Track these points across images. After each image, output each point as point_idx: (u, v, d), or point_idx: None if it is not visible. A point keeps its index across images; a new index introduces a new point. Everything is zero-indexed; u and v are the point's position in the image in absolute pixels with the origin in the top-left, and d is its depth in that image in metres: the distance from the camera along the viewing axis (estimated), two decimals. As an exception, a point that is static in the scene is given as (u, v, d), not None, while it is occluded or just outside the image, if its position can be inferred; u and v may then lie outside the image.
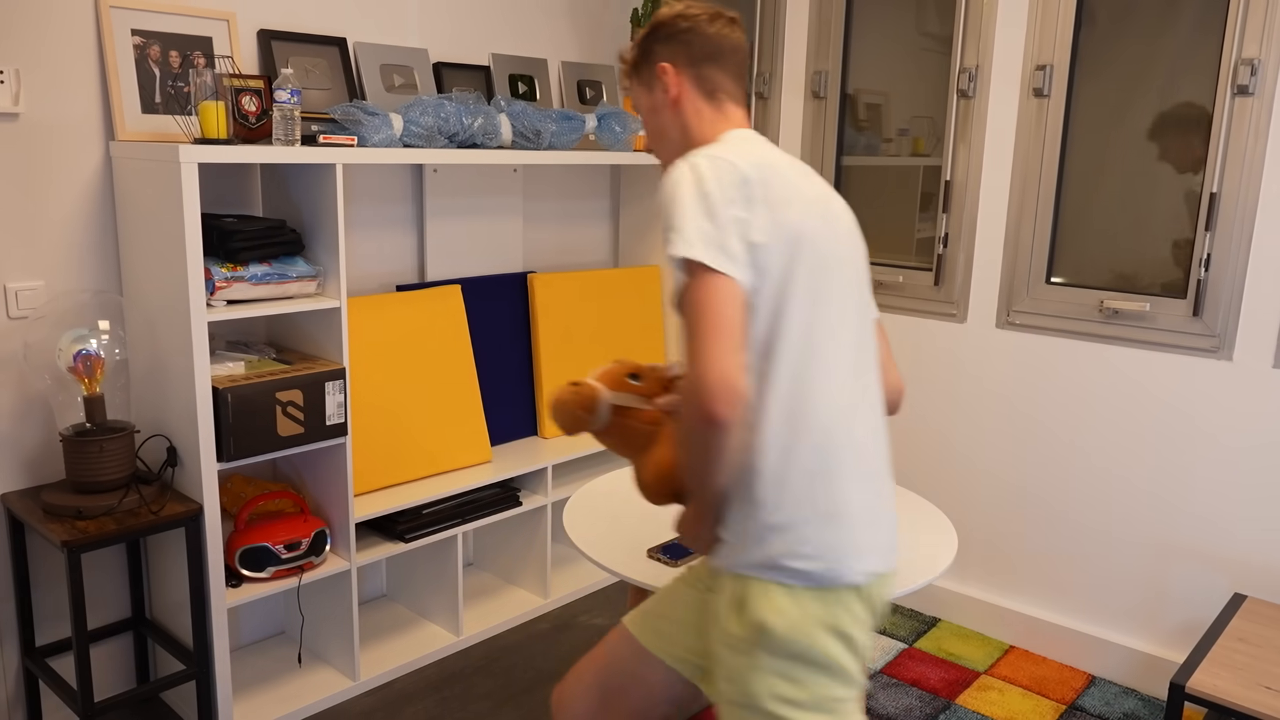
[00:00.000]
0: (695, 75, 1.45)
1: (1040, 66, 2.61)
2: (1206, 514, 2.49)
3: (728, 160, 1.30)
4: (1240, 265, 2.37)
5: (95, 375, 2.14)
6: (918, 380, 2.96)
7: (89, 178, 2.23)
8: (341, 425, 2.34)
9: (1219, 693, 1.92)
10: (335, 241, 2.28)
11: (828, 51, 3.03)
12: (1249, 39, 2.30)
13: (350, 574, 2.44)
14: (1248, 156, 2.33)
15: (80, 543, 1.98)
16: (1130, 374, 2.56)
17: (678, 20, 1.46)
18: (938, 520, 1.97)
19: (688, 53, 1.45)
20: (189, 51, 2.31)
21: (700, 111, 1.46)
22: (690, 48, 1.45)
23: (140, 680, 2.47)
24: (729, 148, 1.34)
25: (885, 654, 2.77)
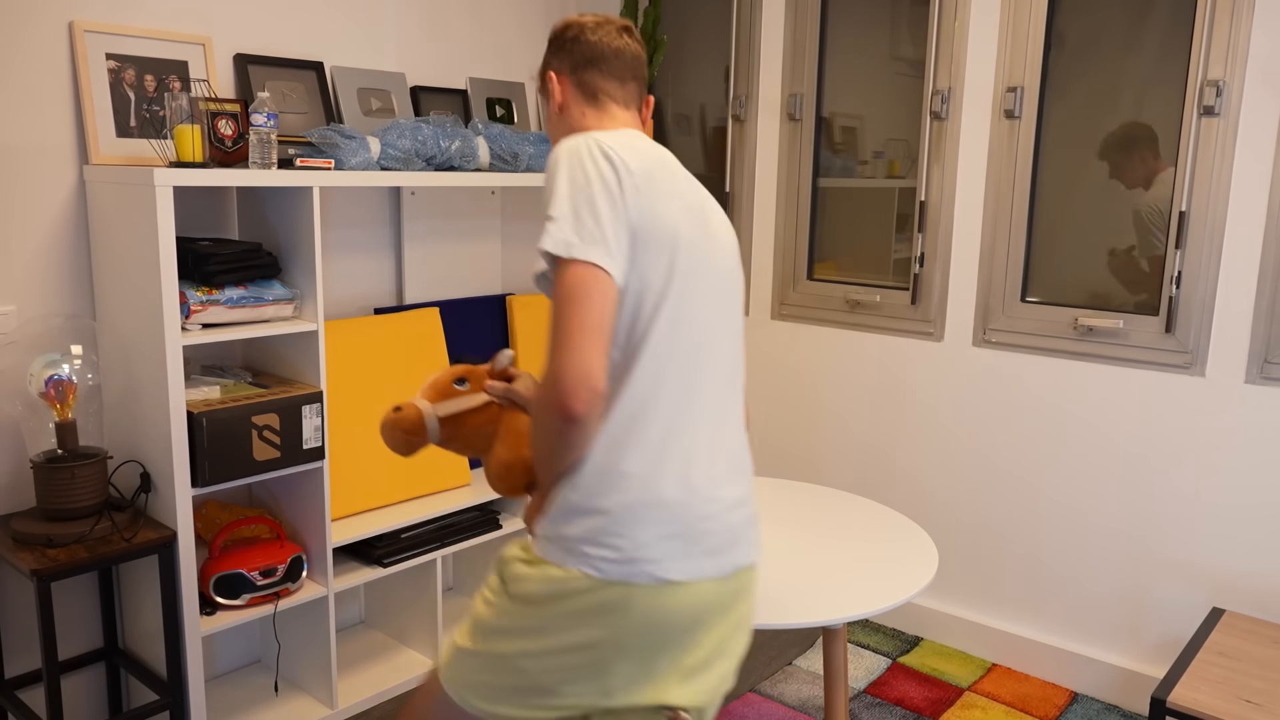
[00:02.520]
0: (577, 81, 1.48)
1: (1011, 88, 2.65)
2: (1183, 529, 2.51)
3: (613, 149, 1.31)
4: (1210, 282, 2.40)
5: (67, 401, 2.11)
6: (895, 399, 2.97)
7: (63, 201, 2.21)
8: (319, 449, 2.32)
9: (1200, 707, 1.92)
10: (312, 264, 2.27)
11: (803, 74, 3.07)
12: (1214, 61, 2.34)
13: (328, 600, 2.41)
14: (1214, 176, 2.37)
15: (51, 571, 1.94)
16: (1105, 390, 2.59)
17: (565, 30, 1.51)
18: (918, 538, 1.98)
19: (571, 60, 1.49)
20: (164, 75, 2.31)
21: (585, 114, 1.49)
22: (573, 55, 1.49)
23: (113, 712, 2.42)
24: (615, 137, 1.34)
25: (869, 673, 2.77)
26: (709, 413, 1.37)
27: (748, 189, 3.23)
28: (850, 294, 3.03)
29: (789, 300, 3.18)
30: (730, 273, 1.42)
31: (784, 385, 3.22)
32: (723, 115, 3.32)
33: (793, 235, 3.15)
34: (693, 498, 1.32)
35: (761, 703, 2.61)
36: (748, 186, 3.23)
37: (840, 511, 2.10)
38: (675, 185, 1.35)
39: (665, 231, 1.31)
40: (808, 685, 2.70)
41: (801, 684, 2.71)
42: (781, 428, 3.24)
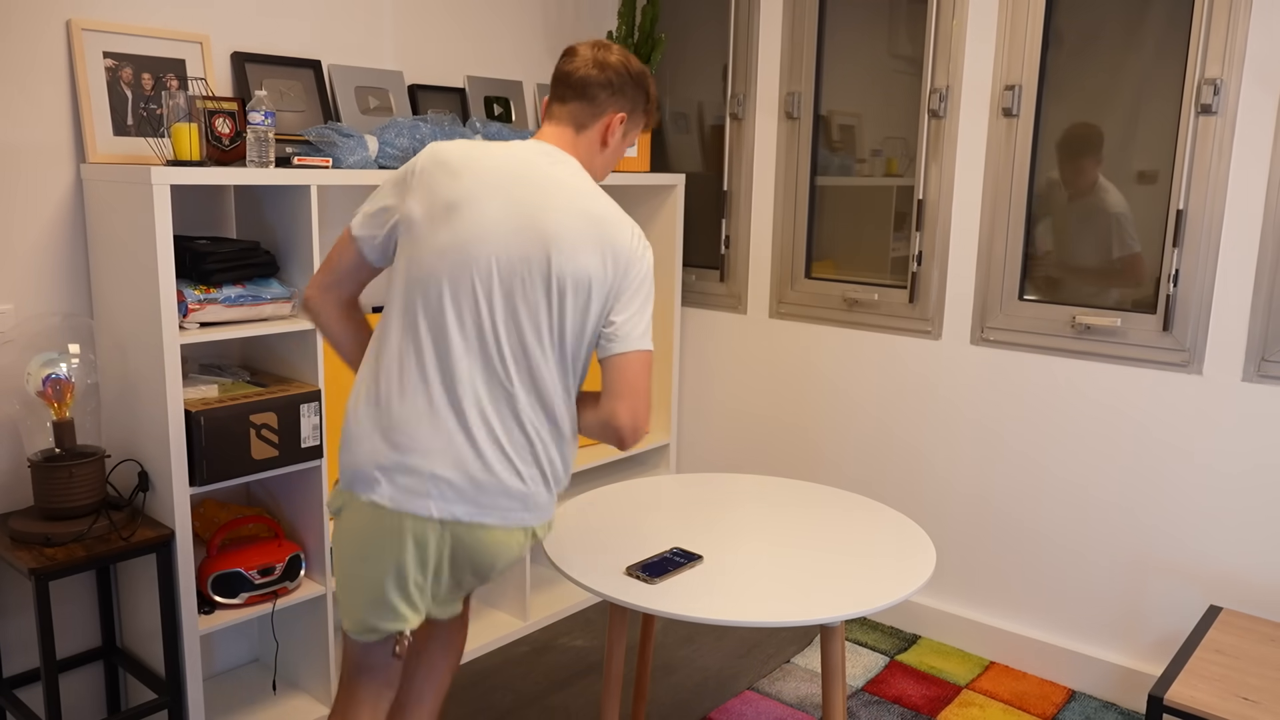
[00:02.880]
0: (547, 103, 1.76)
1: (1009, 86, 2.65)
2: (1181, 527, 2.51)
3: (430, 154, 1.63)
4: (1208, 280, 2.40)
5: (65, 399, 2.11)
6: (893, 397, 2.98)
7: (60, 200, 2.21)
8: (317, 448, 2.32)
9: (1197, 704, 1.93)
10: (310, 263, 2.27)
11: (801, 73, 3.07)
12: (1211, 60, 2.35)
13: (326, 599, 2.41)
14: (1212, 174, 2.37)
15: (49, 570, 1.94)
16: (1102, 389, 2.59)
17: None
18: (916, 536, 1.98)
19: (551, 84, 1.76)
20: (162, 74, 2.31)
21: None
22: (551, 80, 1.76)
23: (111, 710, 2.42)
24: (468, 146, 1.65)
25: (867, 671, 2.77)
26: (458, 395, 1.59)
27: (745, 187, 3.23)
28: (848, 292, 3.03)
29: (787, 299, 3.18)
30: (509, 268, 1.58)
31: (782, 384, 3.22)
32: (720, 113, 3.32)
33: (790, 234, 3.16)
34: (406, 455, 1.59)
35: (759, 700, 2.61)
36: (745, 185, 3.23)
37: (838, 510, 2.10)
38: (461, 183, 1.60)
39: (413, 218, 1.61)
40: (805, 683, 2.70)
41: (799, 682, 2.71)
42: (779, 426, 3.24)
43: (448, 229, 1.58)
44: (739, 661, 2.82)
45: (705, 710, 2.57)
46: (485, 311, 1.58)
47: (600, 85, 1.69)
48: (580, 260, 1.59)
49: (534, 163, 1.63)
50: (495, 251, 1.58)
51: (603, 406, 1.64)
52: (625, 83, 1.71)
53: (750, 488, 2.23)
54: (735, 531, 1.97)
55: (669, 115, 3.46)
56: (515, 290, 1.58)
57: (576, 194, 1.62)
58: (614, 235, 1.62)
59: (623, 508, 2.08)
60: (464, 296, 1.58)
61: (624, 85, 1.71)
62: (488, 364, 1.59)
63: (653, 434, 3.42)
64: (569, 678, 2.71)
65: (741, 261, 3.28)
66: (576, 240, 1.59)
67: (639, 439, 1.65)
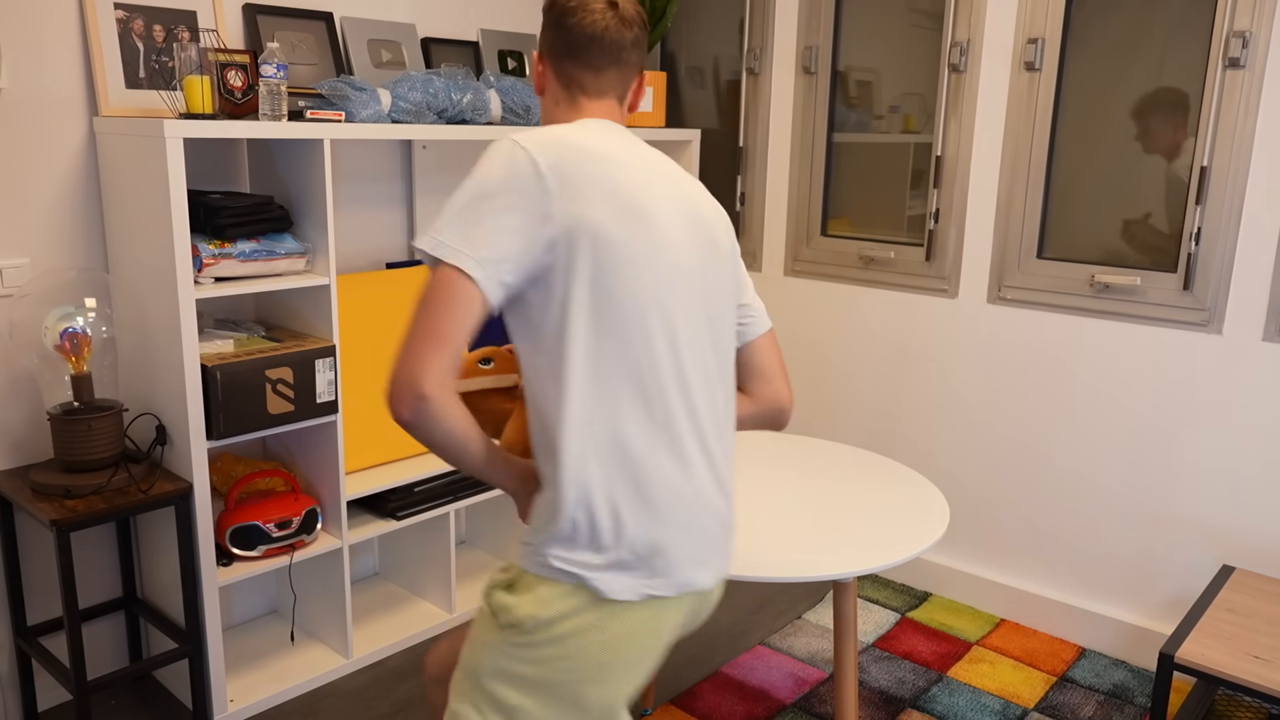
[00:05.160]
0: (556, 69, 1.41)
1: (1032, 40, 2.60)
2: (1196, 487, 2.50)
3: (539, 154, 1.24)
4: (1230, 239, 2.37)
5: (82, 354, 2.12)
6: (909, 356, 2.96)
7: (73, 154, 2.21)
8: (332, 403, 2.33)
9: (1208, 662, 1.94)
10: (324, 218, 2.26)
11: (819, 27, 3.02)
12: (1240, 11, 2.29)
13: (342, 552, 2.44)
14: (1238, 130, 2.32)
15: (69, 522, 1.97)
16: (1121, 348, 2.57)
17: (552, 7, 1.40)
18: (929, 493, 1.98)
19: (552, 44, 1.40)
20: (173, 26, 2.28)
21: (558, 105, 1.42)
22: (554, 39, 1.40)
23: (133, 659, 2.46)
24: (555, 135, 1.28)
25: (877, 627, 2.79)
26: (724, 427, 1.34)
27: (761, 144, 3.20)
28: (864, 250, 3.01)
29: (802, 256, 3.16)
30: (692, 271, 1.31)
31: (797, 341, 3.21)
32: (736, 68, 3.27)
33: (807, 191, 3.12)
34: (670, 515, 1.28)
35: (771, 655, 2.64)
36: (761, 141, 3.20)
37: (852, 467, 2.10)
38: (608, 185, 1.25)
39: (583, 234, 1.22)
40: (816, 639, 2.73)
41: (810, 637, 2.73)
42: (794, 383, 3.24)
43: (647, 236, 1.27)
44: (751, 617, 2.84)
45: (717, 664, 2.59)
46: (703, 328, 1.32)
47: (632, 45, 1.42)
48: (724, 239, 1.40)
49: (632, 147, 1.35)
50: (689, 254, 1.32)
51: (763, 392, 1.47)
52: (644, 34, 1.46)
53: (764, 445, 2.23)
54: (749, 488, 1.97)
55: (685, 70, 3.41)
56: (710, 292, 1.35)
57: (676, 170, 1.39)
58: (721, 211, 1.44)
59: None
60: (685, 315, 1.30)
61: (643, 37, 1.45)
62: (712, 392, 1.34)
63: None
64: (582, 631, 2.74)
65: (757, 219, 3.25)
66: (715, 215, 1.39)
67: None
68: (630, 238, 1.24)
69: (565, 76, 1.40)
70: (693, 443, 1.28)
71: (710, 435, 1.31)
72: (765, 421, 1.48)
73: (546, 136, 1.27)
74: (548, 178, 1.23)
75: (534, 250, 1.22)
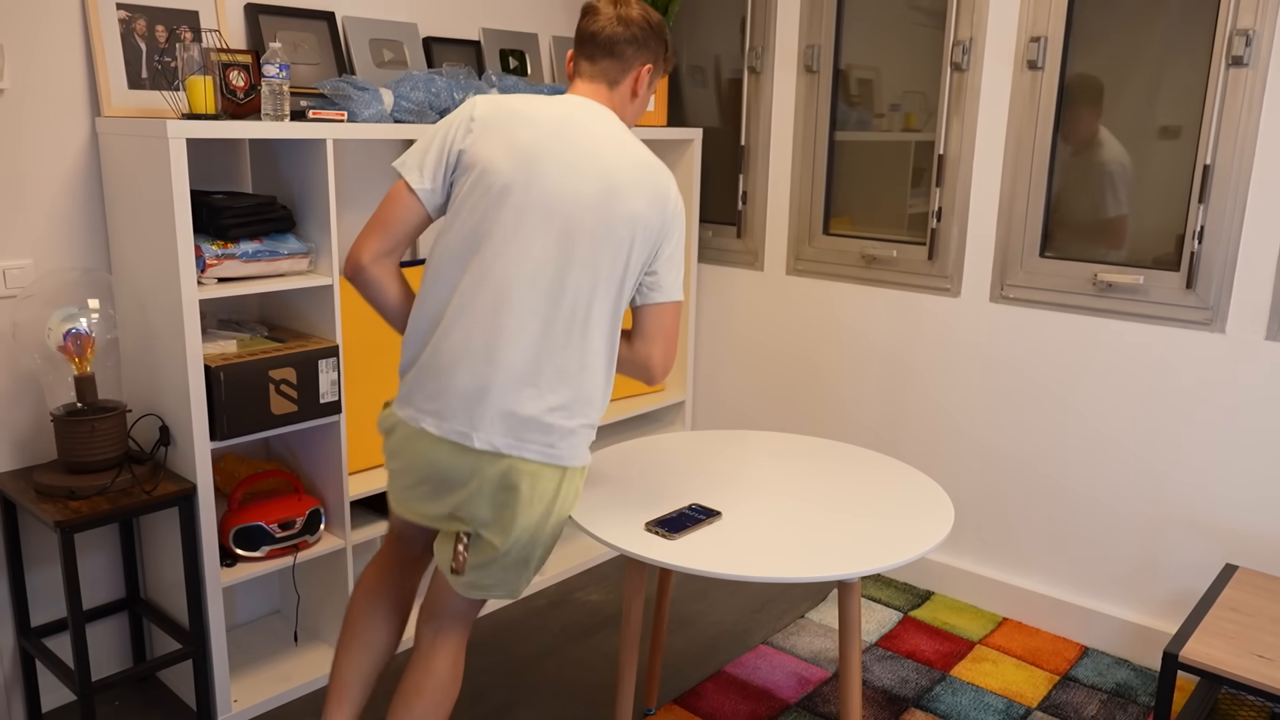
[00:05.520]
0: (573, 57, 1.84)
1: (1035, 38, 2.60)
2: (1198, 485, 2.50)
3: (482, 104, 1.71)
4: (1233, 238, 2.37)
5: (85, 354, 2.12)
6: (910, 355, 2.96)
7: (75, 154, 2.20)
8: (335, 403, 2.33)
9: (1212, 661, 1.94)
10: (327, 218, 2.26)
11: (820, 25, 3.01)
12: (1244, 10, 2.29)
13: (345, 553, 2.44)
14: (1241, 129, 2.32)
15: (73, 523, 1.97)
16: (1123, 347, 2.57)
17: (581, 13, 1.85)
18: (933, 492, 1.98)
19: (575, 39, 1.84)
20: (175, 26, 2.28)
21: (568, 84, 1.88)
22: (576, 35, 1.84)
23: (137, 660, 2.46)
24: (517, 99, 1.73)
25: (880, 626, 2.79)
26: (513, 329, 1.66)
27: (763, 142, 3.20)
28: (866, 249, 3.01)
29: (804, 255, 3.16)
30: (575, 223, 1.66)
31: (799, 340, 3.21)
32: (738, 67, 3.27)
33: (809, 189, 3.12)
34: (427, 370, 1.69)
35: (774, 654, 2.64)
36: (763, 140, 3.19)
37: (855, 467, 2.10)
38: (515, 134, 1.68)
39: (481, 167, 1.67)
40: (819, 638, 2.73)
41: (813, 637, 2.73)
42: (796, 383, 3.24)
43: (532, 174, 1.66)
44: (754, 616, 2.85)
45: (721, 663, 2.60)
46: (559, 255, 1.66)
47: (626, 41, 1.79)
48: (633, 205, 1.69)
49: (581, 117, 1.72)
50: (570, 196, 1.66)
51: (637, 348, 1.77)
52: (648, 36, 1.81)
53: (768, 444, 2.23)
54: (753, 488, 1.97)
55: (686, 69, 3.41)
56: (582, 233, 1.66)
57: (622, 145, 1.72)
58: (662, 184, 1.73)
59: (640, 464, 2.08)
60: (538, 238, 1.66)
61: (647, 39, 1.81)
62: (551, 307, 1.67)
63: (669, 390, 3.42)
64: (585, 631, 2.75)
65: (759, 217, 3.25)
66: (632, 186, 1.69)
67: (660, 380, 1.81)
68: (509, 172, 1.66)
69: (574, 64, 1.83)
70: (478, 335, 1.66)
71: (520, 343, 1.65)
72: (633, 371, 1.79)
73: (496, 99, 1.73)
74: (475, 123, 1.70)
75: (444, 170, 1.71)
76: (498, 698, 2.43)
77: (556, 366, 1.67)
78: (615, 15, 1.79)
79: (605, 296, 1.69)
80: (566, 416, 1.68)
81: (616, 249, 1.68)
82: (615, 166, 1.69)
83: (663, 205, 1.72)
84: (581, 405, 1.70)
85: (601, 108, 1.77)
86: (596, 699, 2.43)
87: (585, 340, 1.68)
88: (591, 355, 1.69)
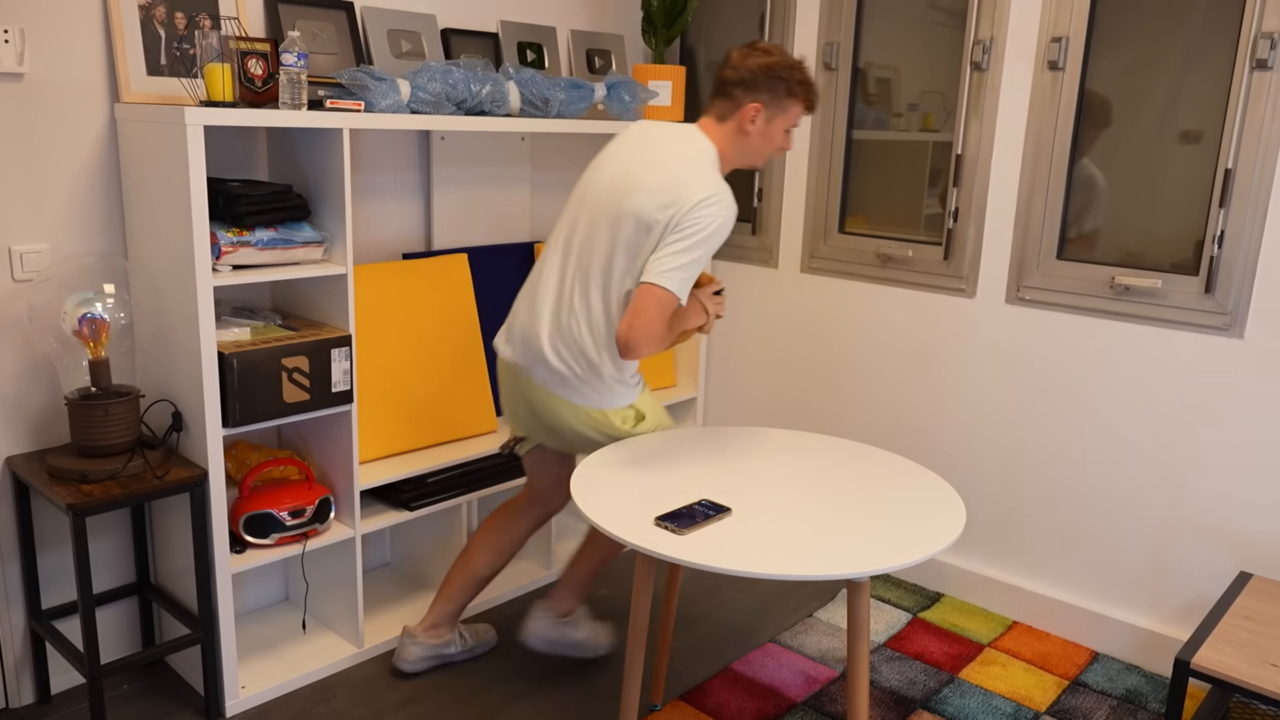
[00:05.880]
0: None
1: (1056, 39, 2.58)
2: (1214, 491, 2.48)
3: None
4: (1254, 242, 2.35)
5: (100, 339, 2.13)
6: (925, 355, 2.95)
7: (94, 140, 2.21)
8: (347, 393, 2.33)
9: (1224, 669, 1.92)
10: (342, 207, 2.26)
11: (840, 23, 3.00)
12: (1269, 12, 2.26)
13: (355, 542, 2.44)
14: (1264, 132, 2.30)
15: (85, 506, 1.98)
16: (1140, 351, 2.55)
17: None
18: (945, 494, 1.97)
19: None
20: (194, 13, 2.29)
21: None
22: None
23: (146, 644, 2.48)
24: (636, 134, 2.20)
25: (889, 627, 2.78)
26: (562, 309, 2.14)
27: (780, 139, 3.18)
28: (882, 248, 2.99)
29: (819, 253, 3.14)
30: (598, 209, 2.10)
31: (812, 338, 3.19)
32: (756, 63, 3.25)
33: (825, 188, 3.11)
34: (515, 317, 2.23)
35: (782, 653, 2.63)
36: (780, 137, 3.18)
37: (867, 466, 2.09)
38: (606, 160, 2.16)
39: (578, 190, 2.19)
40: (827, 637, 2.72)
41: (821, 636, 2.73)
42: (809, 381, 3.23)
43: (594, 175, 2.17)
44: (762, 614, 2.84)
45: (728, 661, 2.59)
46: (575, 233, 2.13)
47: (733, 83, 2.10)
48: (639, 202, 2.03)
49: (665, 137, 2.13)
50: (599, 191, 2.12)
51: (619, 321, 2.06)
52: (758, 79, 2.08)
53: (780, 442, 2.22)
54: (764, 485, 1.96)
55: (704, 65, 3.40)
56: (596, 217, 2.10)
57: (673, 159, 2.07)
58: (683, 194, 2.01)
59: (651, 459, 2.08)
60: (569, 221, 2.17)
61: (756, 80, 2.08)
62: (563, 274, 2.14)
63: (680, 387, 3.41)
64: (592, 625, 2.74)
65: (774, 215, 3.24)
66: (649, 189, 2.03)
67: (630, 354, 2.01)
68: (584, 185, 2.18)
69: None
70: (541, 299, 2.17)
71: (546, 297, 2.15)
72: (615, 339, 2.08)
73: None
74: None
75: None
76: (503, 692, 2.43)
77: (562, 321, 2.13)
78: (734, 61, 2.10)
79: (598, 268, 2.08)
80: (559, 361, 2.12)
81: (613, 232, 2.06)
82: (649, 171, 2.05)
83: (672, 209, 2.01)
84: (574, 355, 2.11)
85: (695, 133, 2.13)
86: (603, 694, 2.43)
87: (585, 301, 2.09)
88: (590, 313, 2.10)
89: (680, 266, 1.99)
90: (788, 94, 2.10)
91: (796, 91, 2.11)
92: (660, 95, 3.06)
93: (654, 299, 1.99)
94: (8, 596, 2.23)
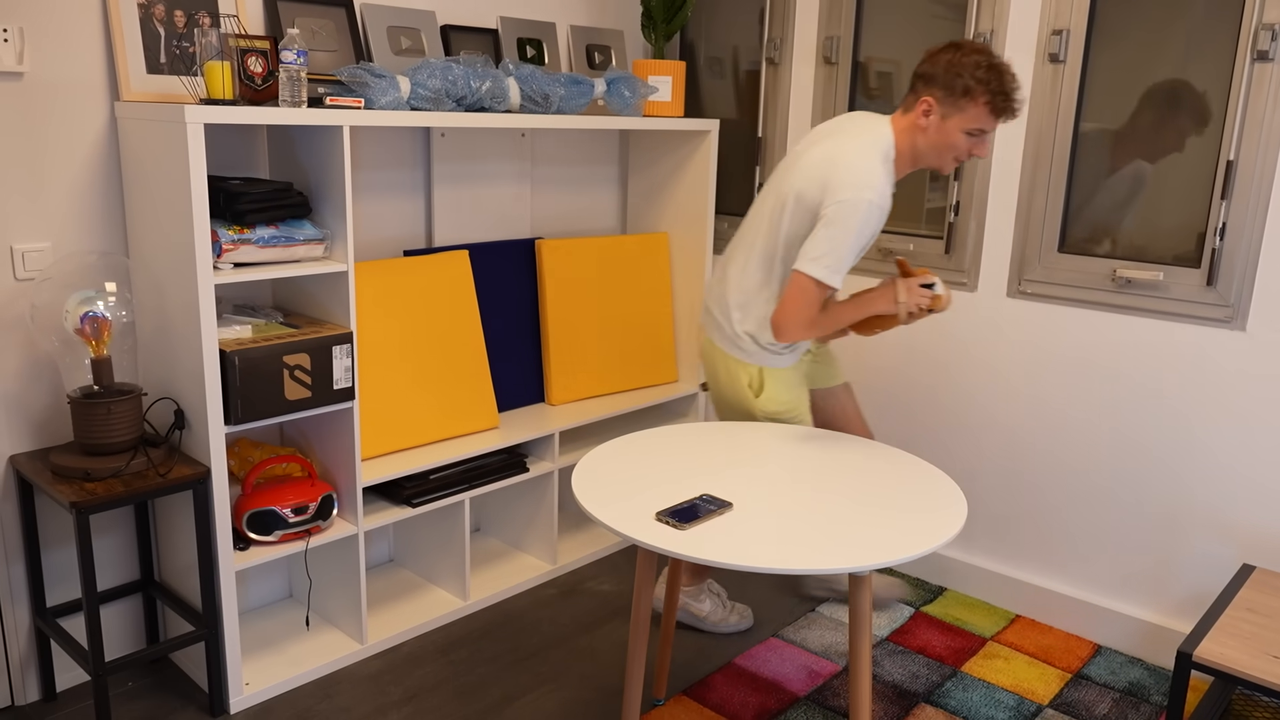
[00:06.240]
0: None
1: (1057, 31, 2.57)
2: (1216, 484, 2.48)
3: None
4: (1256, 235, 2.34)
5: (102, 337, 2.13)
6: (927, 349, 2.94)
7: (94, 138, 2.21)
8: (349, 390, 2.33)
9: (1226, 661, 1.92)
10: (343, 205, 2.27)
11: (840, 17, 2.99)
12: (1270, 4, 2.26)
13: (357, 538, 2.45)
14: (1265, 124, 2.29)
15: (89, 504, 1.98)
16: (1142, 344, 2.55)
17: None
18: (946, 488, 1.97)
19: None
20: (194, 11, 2.29)
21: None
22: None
23: (150, 641, 2.48)
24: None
25: (891, 621, 2.78)
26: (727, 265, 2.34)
27: (780, 135, 3.18)
28: (883, 242, 2.98)
29: (820, 248, 3.13)
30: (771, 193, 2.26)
31: (813, 334, 3.19)
32: (756, 58, 3.25)
33: (826, 182, 3.10)
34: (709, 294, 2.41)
35: (784, 647, 2.63)
36: (780, 132, 3.18)
37: (868, 460, 2.09)
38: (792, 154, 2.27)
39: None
40: (830, 632, 2.72)
41: (824, 630, 2.73)
42: (809, 377, 3.22)
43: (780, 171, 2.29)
44: (764, 608, 2.84)
45: (730, 656, 2.59)
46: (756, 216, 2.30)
47: (918, 75, 2.12)
48: (797, 182, 2.15)
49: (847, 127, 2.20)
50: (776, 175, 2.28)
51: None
52: (938, 73, 2.07)
53: (781, 436, 2.22)
54: (765, 480, 1.96)
55: (704, 60, 3.40)
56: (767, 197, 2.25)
57: (838, 143, 2.13)
58: (830, 174, 2.08)
59: (652, 454, 2.08)
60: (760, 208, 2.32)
61: (936, 75, 2.08)
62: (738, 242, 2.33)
63: (682, 382, 3.41)
64: (596, 621, 2.75)
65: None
66: (807, 170, 2.14)
67: (781, 336, 2.14)
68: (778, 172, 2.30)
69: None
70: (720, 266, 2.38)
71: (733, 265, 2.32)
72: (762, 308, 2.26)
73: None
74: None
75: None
76: (507, 687, 2.44)
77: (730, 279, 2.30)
78: (927, 54, 2.12)
79: (762, 238, 2.23)
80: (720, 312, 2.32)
81: (774, 210, 2.21)
82: (812, 149, 2.18)
83: (821, 192, 2.09)
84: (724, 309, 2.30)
85: (879, 123, 2.17)
86: (606, 689, 2.43)
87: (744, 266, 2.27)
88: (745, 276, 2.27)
89: (824, 254, 2.04)
90: (964, 93, 2.03)
91: (975, 91, 2.02)
92: (660, 90, 3.06)
93: (796, 284, 2.09)
94: (13, 594, 2.24)
